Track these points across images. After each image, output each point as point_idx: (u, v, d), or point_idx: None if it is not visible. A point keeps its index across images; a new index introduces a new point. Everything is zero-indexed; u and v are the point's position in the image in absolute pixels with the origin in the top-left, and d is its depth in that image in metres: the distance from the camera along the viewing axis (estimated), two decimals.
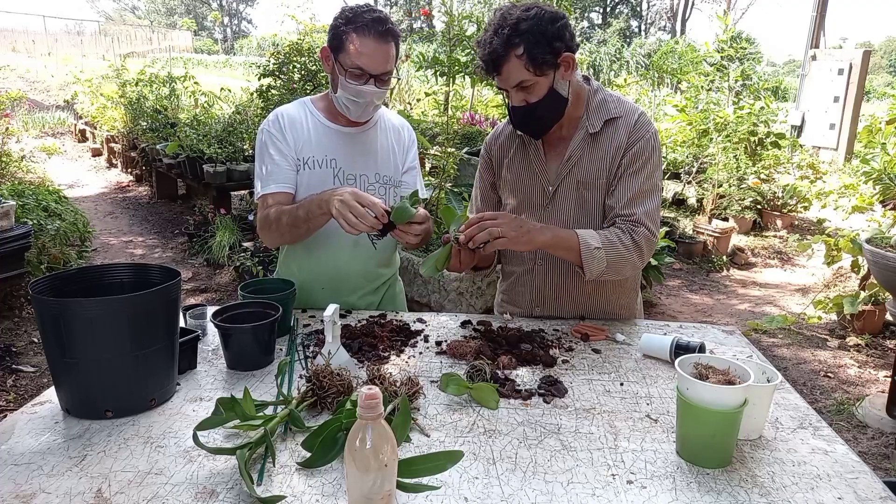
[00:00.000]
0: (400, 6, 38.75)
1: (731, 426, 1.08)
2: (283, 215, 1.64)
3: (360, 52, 1.59)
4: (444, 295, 3.48)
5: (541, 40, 1.50)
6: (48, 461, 1.07)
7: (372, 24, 1.59)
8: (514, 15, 1.51)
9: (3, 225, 3.93)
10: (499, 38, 1.50)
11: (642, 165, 1.63)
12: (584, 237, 1.56)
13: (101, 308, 1.15)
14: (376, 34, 1.59)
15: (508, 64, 1.52)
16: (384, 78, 1.65)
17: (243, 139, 6.54)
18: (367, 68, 1.61)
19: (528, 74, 1.53)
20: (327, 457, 1.06)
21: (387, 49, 1.62)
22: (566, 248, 1.57)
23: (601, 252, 1.56)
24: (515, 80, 1.54)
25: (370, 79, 1.63)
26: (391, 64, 1.65)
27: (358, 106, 1.68)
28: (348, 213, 1.44)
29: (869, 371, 3.81)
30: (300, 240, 1.71)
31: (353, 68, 1.61)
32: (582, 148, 1.67)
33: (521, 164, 1.76)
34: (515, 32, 1.49)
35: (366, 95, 1.65)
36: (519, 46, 1.50)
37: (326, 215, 1.52)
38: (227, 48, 37.81)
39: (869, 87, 17.16)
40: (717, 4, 32.27)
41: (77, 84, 12.23)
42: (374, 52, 1.60)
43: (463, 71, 3.99)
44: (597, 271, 1.57)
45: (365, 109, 1.69)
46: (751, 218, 6.55)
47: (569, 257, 1.60)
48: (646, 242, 1.61)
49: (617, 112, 1.66)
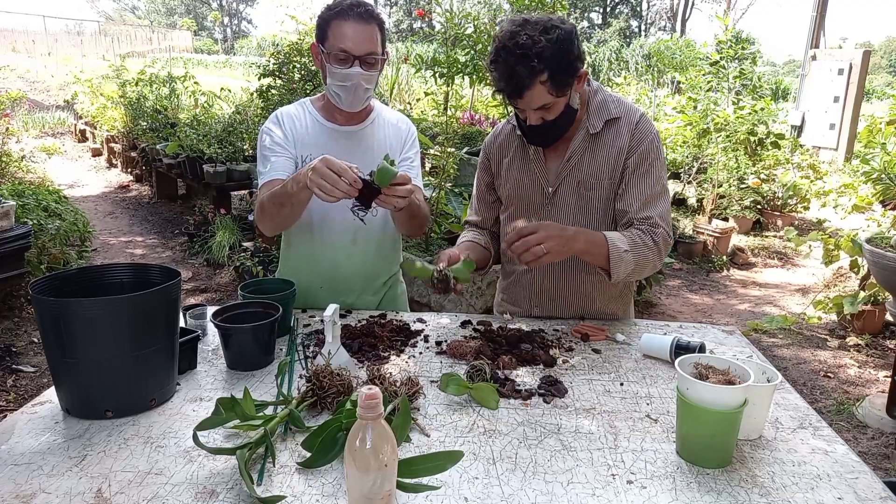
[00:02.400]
0: (400, 6, 38.74)
1: (731, 426, 1.08)
2: (271, 198, 1.64)
3: (341, 34, 1.63)
4: (443, 295, 3.48)
5: (563, 64, 1.48)
6: (48, 461, 1.07)
7: (350, 7, 1.63)
8: (534, 38, 1.45)
9: (3, 225, 3.93)
10: (524, 66, 1.45)
11: (649, 167, 1.64)
12: (612, 240, 1.55)
13: (102, 308, 1.15)
14: (356, 16, 1.63)
15: (532, 91, 1.49)
16: (369, 60, 1.66)
17: (243, 139, 6.54)
18: (350, 50, 1.63)
19: (551, 98, 1.52)
20: (327, 457, 1.06)
21: (368, 30, 1.64)
22: (597, 252, 1.55)
23: (629, 255, 1.56)
24: (538, 104, 1.53)
25: (355, 61, 1.64)
26: (375, 46, 1.66)
27: (347, 91, 1.68)
28: (320, 181, 1.43)
29: (869, 371, 3.81)
30: (291, 221, 1.70)
31: (337, 52, 1.64)
32: (583, 148, 1.67)
33: (521, 164, 1.76)
34: (540, 59, 1.45)
35: (352, 78, 1.65)
36: (543, 73, 1.47)
37: (306, 189, 1.50)
38: (227, 48, 37.81)
39: (869, 87, 17.16)
40: (717, 4, 32.30)
41: (77, 84, 12.23)
42: (355, 33, 1.63)
43: (462, 71, 3.98)
44: (623, 274, 1.57)
45: (355, 95, 1.69)
46: (751, 218, 6.55)
47: (596, 261, 1.59)
48: (664, 244, 1.63)
49: (617, 112, 1.66)
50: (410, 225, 1.78)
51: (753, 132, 6.85)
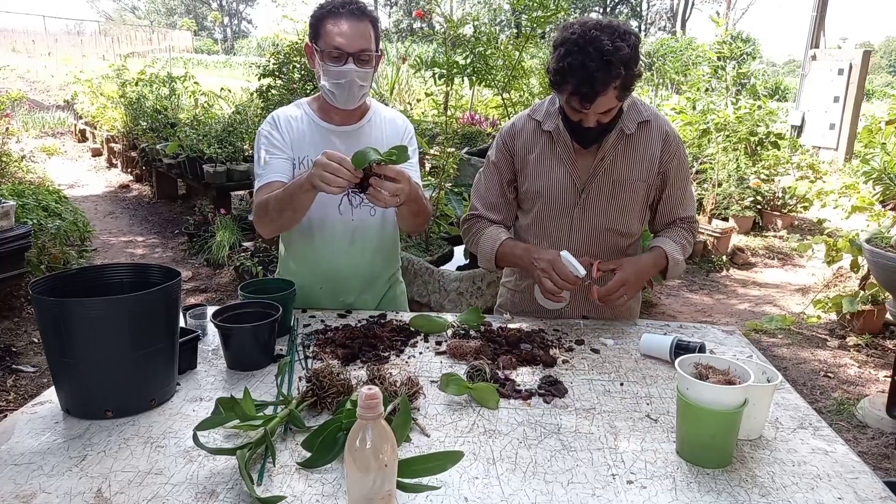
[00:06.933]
0: (400, 6, 38.75)
1: (731, 426, 1.08)
2: (272, 200, 1.64)
3: (334, 32, 1.63)
4: (444, 295, 3.48)
5: (633, 70, 1.49)
6: (48, 461, 1.07)
7: (342, 5, 1.64)
8: (616, 44, 1.44)
9: (3, 225, 3.92)
10: (605, 72, 1.44)
11: (685, 172, 1.77)
12: (672, 254, 1.71)
13: (102, 308, 1.15)
14: (348, 13, 1.64)
15: (606, 96, 1.49)
16: (363, 57, 1.66)
17: (243, 139, 6.54)
18: (343, 47, 1.63)
19: (616, 102, 1.53)
20: (327, 457, 1.06)
21: (361, 26, 1.65)
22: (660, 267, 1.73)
23: (682, 259, 1.74)
24: (605, 108, 1.52)
25: (349, 58, 1.64)
26: (368, 42, 1.66)
27: (342, 89, 1.68)
28: (323, 172, 1.44)
29: (869, 371, 3.81)
30: (292, 223, 1.70)
31: (330, 50, 1.64)
32: (616, 148, 1.68)
33: (550, 161, 1.72)
34: (621, 65, 1.45)
35: (347, 75, 1.65)
36: (618, 79, 1.47)
37: (309, 191, 1.52)
38: (227, 48, 37.80)
39: (869, 87, 17.15)
40: (718, 4, 32.30)
41: (77, 84, 12.22)
42: (347, 29, 1.63)
43: (461, 73, 3.98)
44: (677, 274, 1.75)
45: (350, 92, 1.69)
46: (751, 218, 6.55)
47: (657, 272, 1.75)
48: (696, 235, 1.85)
49: (647, 115, 1.69)
50: (415, 219, 1.78)
51: (753, 132, 6.85)
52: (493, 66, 4.06)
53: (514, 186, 1.82)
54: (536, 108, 1.77)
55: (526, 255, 1.68)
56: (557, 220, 1.74)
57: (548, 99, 1.76)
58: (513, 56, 4.09)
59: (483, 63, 4.00)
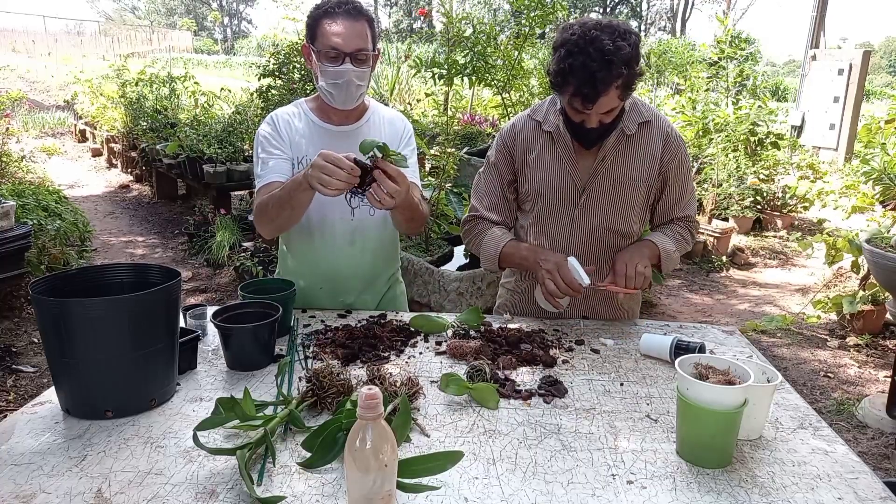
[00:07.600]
0: (400, 6, 38.76)
1: (731, 426, 1.08)
2: (271, 200, 1.65)
3: (330, 32, 1.64)
4: (443, 295, 3.48)
5: (634, 69, 1.49)
6: (48, 461, 1.07)
7: (338, 5, 1.65)
8: (617, 44, 1.44)
9: (3, 225, 3.92)
10: (606, 72, 1.44)
11: (687, 171, 1.77)
12: (663, 246, 1.71)
13: (102, 308, 1.15)
14: (344, 13, 1.64)
15: (607, 96, 1.49)
16: (360, 56, 1.66)
17: (243, 139, 6.54)
18: (340, 47, 1.63)
19: (618, 102, 1.53)
20: (327, 457, 1.06)
21: (357, 26, 1.65)
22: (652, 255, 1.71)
23: (676, 253, 1.75)
24: (607, 108, 1.53)
25: (345, 58, 1.64)
26: (365, 42, 1.66)
27: (339, 89, 1.68)
28: (320, 174, 1.44)
29: (869, 371, 3.81)
30: (291, 222, 1.70)
31: (327, 50, 1.64)
32: (616, 148, 1.68)
33: (550, 161, 1.72)
34: (622, 65, 1.45)
35: (344, 75, 1.65)
36: (620, 78, 1.47)
37: (307, 190, 1.52)
38: (227, 48, 37.80)
39: (869, 88, 17.16)
40: (717, 4, 32.30)
41: (77, 84, 12.22)
42: (344, 29, 1.63)
43: (461, 73, 3.98)
44: (671, 268, 1.75)
45: (347, 92, 1.69)
46: (751, 218, 6.55)
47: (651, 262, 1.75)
48: (695, 234, 1.85)
49: (648, 115, 1.69)
50: (409, 225, 1.78)
51: (753, 132, 6.85)
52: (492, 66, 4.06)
53: (515, 187, 1.81)
54: (536, 109, 1.77)
55: (532, 255, 1.69)
56: (558, 220, 1.74)
57: (548, 99, 1.76)
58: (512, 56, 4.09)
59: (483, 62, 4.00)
